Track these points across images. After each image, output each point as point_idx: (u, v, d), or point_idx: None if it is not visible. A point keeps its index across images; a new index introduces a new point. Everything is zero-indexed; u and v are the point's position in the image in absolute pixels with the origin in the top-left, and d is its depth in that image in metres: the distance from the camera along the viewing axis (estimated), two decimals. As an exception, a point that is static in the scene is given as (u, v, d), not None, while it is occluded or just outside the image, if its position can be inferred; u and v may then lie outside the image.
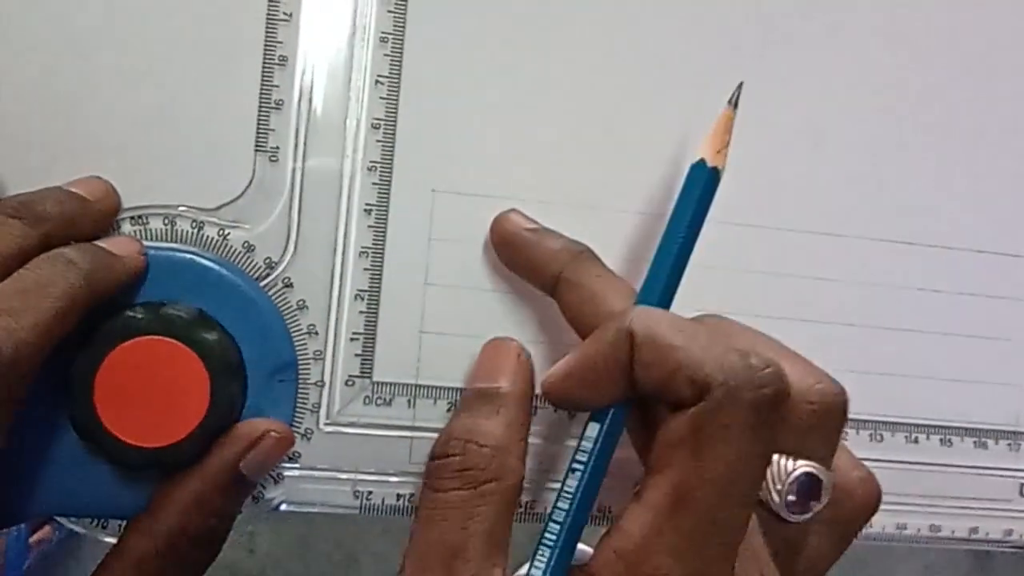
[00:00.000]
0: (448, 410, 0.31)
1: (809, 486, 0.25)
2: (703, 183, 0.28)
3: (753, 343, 0.26)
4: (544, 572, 0.25)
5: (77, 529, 0.29)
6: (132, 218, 0.29)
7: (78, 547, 1.00)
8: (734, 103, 0.29)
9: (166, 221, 0.29)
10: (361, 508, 0.31)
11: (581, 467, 0.26)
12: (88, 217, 0.27)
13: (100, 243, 0.27)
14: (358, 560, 1.14)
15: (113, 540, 0.29)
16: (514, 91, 0.31)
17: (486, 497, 0.26)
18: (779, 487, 0.25)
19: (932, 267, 0.34)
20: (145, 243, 0.29)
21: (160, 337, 0.27)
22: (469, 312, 0.31)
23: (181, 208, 0.29)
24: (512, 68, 0.31)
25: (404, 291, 0.31)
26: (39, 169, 0.28)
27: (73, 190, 0.27)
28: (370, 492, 0.31)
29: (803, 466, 0.25)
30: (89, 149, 0.29)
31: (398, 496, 0.31)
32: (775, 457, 0.25)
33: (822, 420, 0.25)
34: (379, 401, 0.31)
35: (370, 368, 0.30)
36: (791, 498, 0.25)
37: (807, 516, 0.25)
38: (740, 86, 0.29)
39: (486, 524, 0.25)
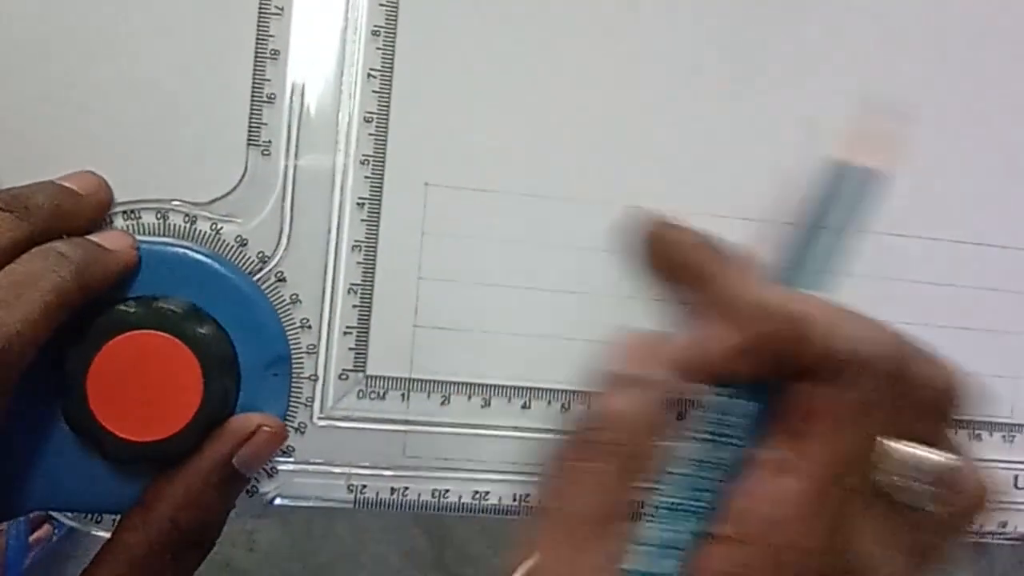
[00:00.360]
0: (442, 403, 0.31)
1: (930, 472, 0.25)
2: (853, 182, 0.29)
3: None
4: (676, 536, 0.25)
5: (71, 523, 0.29)
6: (125, 212, 0.29)
7: (77, 546, 1.00)
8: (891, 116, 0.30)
9: (159, 215, 0.29)
10: (355, 502, 0.31)
11: (720, 438, 0.27)
12: (80, 211, 0.27)
13: (92, 237, 0.27)
14: (358, 559, 1.14)
15: (107, 535, 0.29)
16: (507, 84, 0.31)
17: (627, 472, 0.26)
18: (901, 472, 0.25)
19: (927, 259, 0.34)
20: (138, 237, 0.29)
21: (153, 331, 0.27)
22: (462, 306, 0.31)
23: (174, 202, 0.29)
24: (504, 61, 0.31)
25: (397, 285, 0.31)
26: (32, 164, 0.28)
27: (66, 184, 0.27)
28: (364, 486, 0.31)
29: (925, 451, 0.25)
30: (82, 144, 0.29)
31: (392, 490, 0.31)
32: (898, 443, 0.25)
33: (946, 407, 0.26)
34: (373, 395, 0.31)
35: (364, 362, 0.30)
36: (913, 484, 0.25)
37: (927, 503, 0.26)
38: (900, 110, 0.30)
39: (627, 497, 0.26)
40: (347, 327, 0.30)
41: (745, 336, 0.27)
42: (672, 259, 0.31)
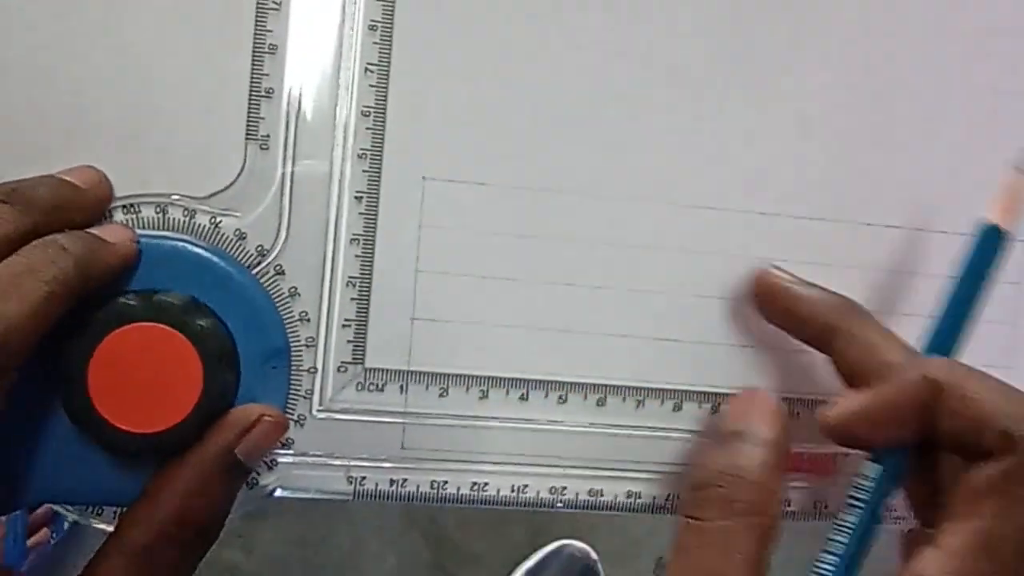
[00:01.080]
0: (440, 395, 0.31)
1: None
2: (988, 243, 0.30)
3: None
4: None
5: (72, 516, 0.29)
6: (124, 207, 0.29)
7: (76, 550, 1.00)
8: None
9: (158, 210, 0.29)
10: (355, 494, 0.31)
11: (861, 504, 0.27)
12: (81, 205, 0.28)
13: (93, 231, 0.27)
14: (356, 562, 1.14)
15: (108, 528, 0.29)
16: (503, 78, 0.31)
17: (750, 529, 0.26)
18: None
19: (913, 249, 0.34)
20: (137, 231, 0.29)
21: (153, 323, 0.27)
22: (459, 298, 0.31)
23: (173, 196, 0.29)
24: (501, 55, 0.31)
25: (395, 278, 0.31)
26: (32, 159, 0.28)
27: (66, 178, 0.27)
28: (363, 477, 0.31)
29: None
30: (81, 139, 0.29)
31: (391, 481, 0.31)
32: None
33: None
34: (371, 387, 0.31)
35: (362, 354, 0.31)
36: None
37: None
38: None
39: (749, 555, 0.26)
40: (346, 320, 0.30)
41: (869, 400, 0.27)
42: (802, 315, 0.31)
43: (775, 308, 0.32)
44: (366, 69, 0.30)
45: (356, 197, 0.30)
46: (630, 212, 0.32)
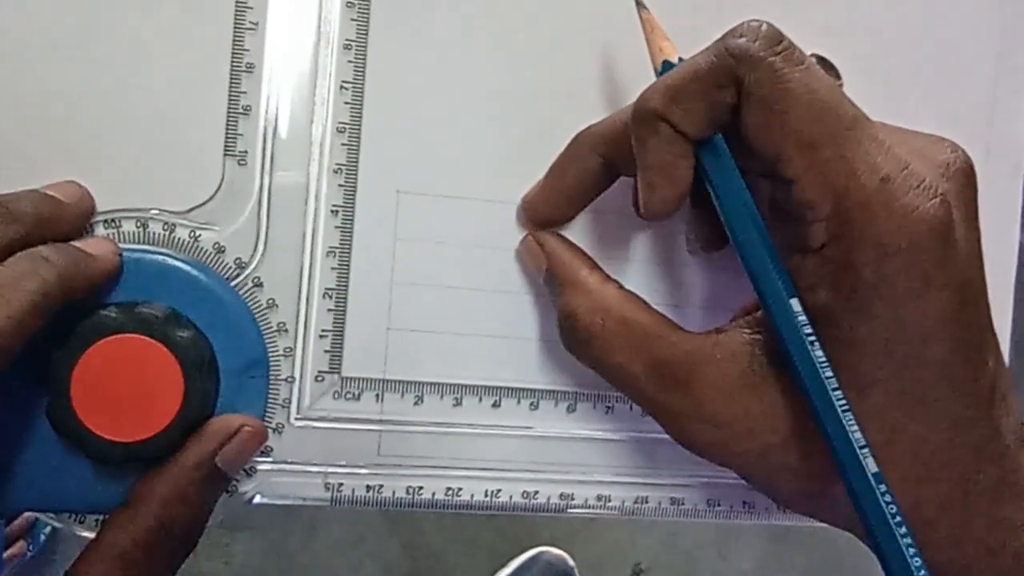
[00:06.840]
0: (415, 403, 0.32)
1: None
2: None
3: None
4: None
5: (54, 524, 0.30)
6: (106, 221, 0.30)
7: (53, 561, 0.99)
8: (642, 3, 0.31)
9: (138, 224, 0.30)
10: (332, 500, 0.32)
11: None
12: (63, 218, 0.28)
13: (75, 244, 0.28)
14: (335, 571, 1.15)
15: (89, 534, 0.29)
16: (474, 94, 0.32)
17: None
18: None
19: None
20: (119, 245, 0.29)
21: (135, 335, 0.28)
22: (433, 309, 0.32)
23: (153, 211, 0.30)
24: (472, 72, 0.32)
25: (371, 289, 0.32)
26: (15, 175, 0.29)
27: (50, 193, 0.28)
28: (341, 484, 0.32)
29: None
30: (64, 155, 0.29)
31: (368, 487, 0.32)
32: None
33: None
34: (348, 396, 0.32)
35: (339, 364, 0.31)
36: None
37: None
38: None
39: None
40: (323, 330, 0.31)
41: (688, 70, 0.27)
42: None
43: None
44: (341, 87, 0.31)
45: (332, 211, 0.31)
46: (596, 222, 0.33)
